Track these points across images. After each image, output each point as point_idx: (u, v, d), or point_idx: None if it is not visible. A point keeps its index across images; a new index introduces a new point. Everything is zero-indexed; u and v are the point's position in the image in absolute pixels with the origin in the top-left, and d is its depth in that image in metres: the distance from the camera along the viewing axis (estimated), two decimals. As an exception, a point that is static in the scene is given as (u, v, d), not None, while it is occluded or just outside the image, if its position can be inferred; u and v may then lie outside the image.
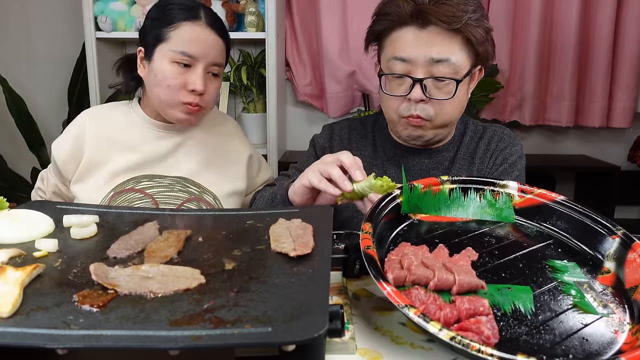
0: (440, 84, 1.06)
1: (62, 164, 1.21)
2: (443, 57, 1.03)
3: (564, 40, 2.44)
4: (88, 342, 0.49)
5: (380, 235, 0.77)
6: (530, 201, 0.89)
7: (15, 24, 2.68)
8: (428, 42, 1.03)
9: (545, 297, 0.69)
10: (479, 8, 1.06)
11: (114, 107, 1.27)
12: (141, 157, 1.20)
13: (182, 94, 1.13)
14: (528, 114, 2.53)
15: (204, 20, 1.13)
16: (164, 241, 0.73)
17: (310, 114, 2.73)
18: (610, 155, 2.65)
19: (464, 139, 1.22)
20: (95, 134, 1.21)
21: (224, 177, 1.25)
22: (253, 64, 2.48)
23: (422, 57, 1.04)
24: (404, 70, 1.06)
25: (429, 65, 1.04)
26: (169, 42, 1.12)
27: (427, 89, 1.05)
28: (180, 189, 1.20)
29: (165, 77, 1.12)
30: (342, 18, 2.52)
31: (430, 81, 1.05)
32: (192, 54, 1.11)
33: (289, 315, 0.53)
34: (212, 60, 1.14)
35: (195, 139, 1.25)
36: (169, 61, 1.12)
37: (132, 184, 1.18)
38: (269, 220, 0.81)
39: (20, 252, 0.69)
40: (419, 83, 1.05)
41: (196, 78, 1.12)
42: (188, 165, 1.23)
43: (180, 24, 1.12)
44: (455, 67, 1.04)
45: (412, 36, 1.05)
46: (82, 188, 1.20)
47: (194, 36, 1.12)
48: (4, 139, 2.70)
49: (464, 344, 0.53)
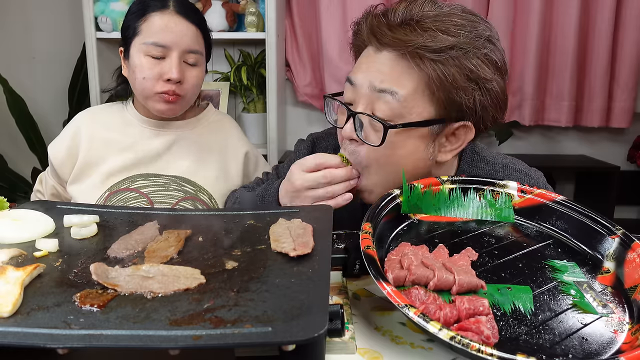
0: (374, 119, 0.84)
1: (59, 165, 1.22)
2: (386, 87, 0.83)
3: (564, 41, 2.44)
4: (88, 342, 0.49)
5: (380, 235, 0.78)
6: (530, 201, 0.89)
7: (16, 24, 2.68)
8: (378, 67, 0.85)
9: (544, 297, 0.69)
10: (473, 49, 0.81)
11: (108, 107, 1.28)
12: (136, 156, 1.20)
13: (159, 85, 1.13)
14: (528, 114, 2.53)
15: (172, 8, 1.13)
16: (164, 241, 0.74)
17: (310, 114, 2.73)
18: (610, 155, 2.65)
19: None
20: (90, 134, 1.21)
21: (220, 176, 1.25)
22: (253, 64, 2.48)
23: (366, 82, 0.86)
24: (349, 99, 0.90)
25: (371, 95, 0.85)
26: (140, 35, 1.12)
27: (362, 128, 0.86)
28: (176, 188, 1.20)
29: (142, 70, 1.12)
30: (342, 18, 2.52)
31: (366, 117, 0.86)
32: (163, 44, 1.11)
33: (289, 315, 0.53)
34: (185, 47, 1.13)
35: (191, 137, 1.25)
36: (143, 55, 1.12)
37: (128, 183, 1.18)
38: (269, 220, 0.81)
39: (20, 252, 0.69)
40: (353, 116, 0.86)
41: (170, 67, 1.11)
42: (183, 163, 1.22)
43: (149, 16, 1.12)
44: (402, 104, 0.83)
45: (365, 58, 0.88)
46: (78, 188, 1.20)
47: (163, 25, 1.11)
48: (4, 139, 2.71)
49: (464, 343, 0.53)
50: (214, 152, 1.26)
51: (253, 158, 1.33)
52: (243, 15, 2.32)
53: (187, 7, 1.16)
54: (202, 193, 1.21)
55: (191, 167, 1.22)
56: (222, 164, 1.26)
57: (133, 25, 1.14)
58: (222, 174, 1.25)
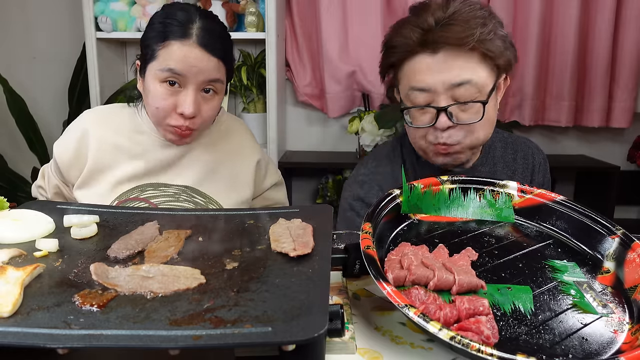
0: (466, 106, 1.00)
1: (66, 168, 1.17)
2: (463, 79, 0.98)
3: (564, 40, 2.44)
4: (88, 342, 0.49)
5: (380, 235, 0.78)
6: (530, 201, 0.89)
7: (16, 24, 2.68)
8: (444, 67, 0.98)
9: (544, 297, 0.69)
10: (490, 17, 1.00)
11: (119, 110, 1.21)
12: (147, 165, 1.16)
13: (172, 118, 1.07)
14: (528, 114, 2.53)
15: (194, 39, 1.04)
16: (164, 241, 0.74)
17: (310, 114, 2.73)
18: (610, 155, 2.65)
19: (494, 152, 1.18)
20: (100, 137, 1.16)
21: (231, 187, 1.21)
22: (253, 64, 2.48)
23: (440, 83, 0.99)
24: (425, 100, 1.01)
25: (450, 90, 0.99)
26: (157, 61, 1.05)
27: (452, 116, 1.00)
28: (186, 199, 1.16)
29: (155, 99, 1.06)
30: (342, 18, 2.52)
31: (454, 107, 1.00)
32: (179, 72, 1.03)
33: (289, 315, 0.53)
34: (205, 78, 1.06)
35: (202, 147, 1.20)
36: (159, 81, 1.05)
37: (137, 192, 1.15)
38: (269, 220, 0.81)
39: (20, 252, 0.69)
40: (443, 111, 1.00)
41: (185, 99, 1.05)
42: (194, 173, 1.18)
43: (169, 43, 1.04)
44: (478, 86, 0.99)
45: (425, 64, 1.00)
46: (85, 194, 1.16)
47: (182, 56, 1.03)
48: (4, 139, 2.71)
49: (464, 343, 0.53)
50: (225, 162, 1.22)
51: (264, 165, 1.29)
52: (243, 15, 2.32)
53: (213, 37, 1.06)
54: (212, 204, 1.17)
55: (201, 177, 1.18)
56: (233, 173, 1.23)
57: (152, 47, 1.06)
58: (232, 184, 1.22)
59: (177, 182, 1.17)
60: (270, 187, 1.33)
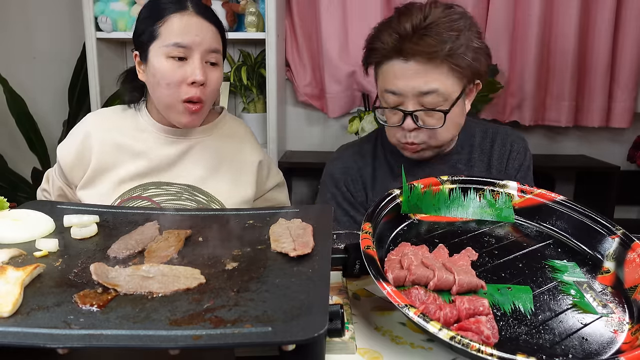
0: (431, 112, 1.08)
1: (69, 170, 1.19)
2: (430, 88, 1.05)
3: (564, 40, 2.44)
4: (88, 342, 0.49)
5: (380, 235, 0.78)
6: (530, 201, 0.89)
7: (16, 24, 2.68)
8: (414, 75, 1.05)
9: (544, 297, 0.69)
10: (466, 29, 1.06)
11: (121, 111, 1.24)
12: (149, 164, 1.17)
13: (183, 90, 1.10)
14: (528, 114, 2.53)
15: (191, 9, 1.11)
16: (164, 241, 0.74)
17: (310, 114, 2.73)
18: (610, 155, 2.65)
19: (472, 141, 1.23)
20: (102, 139, 1.18)
21: (233, 186, 1.22)
22: (253, 64, 2.48)
23: (410, 89, 1.06)
24: (395, 102, 1.09)
25: (418, 96, 1.06)
26: (160, 39, 1.10)
27: (418, 119, 1.08)
28: (188, 198, 1.17)
29: (164, 75, 1.09)
30: (342, 18, 2.52)
31: (420, 112, 1.08)
32: (185, 44, 1.08)
33: (289, 315, 0.53)
34: (207, 47, 1.11)
35: (204, 145, 1.21)
36: (165, 57, 1.09)
37: (140, 191, 1.16)
38: (269, 220, 0.81)
39: (20, 252, 0.69)
40: (410, 115, 1.08)
41: (194, 68, 1.09)
42: (196, 172, 1.19)
43: (168, 18, 1.10)
44: (444, 95, 1.06)
45: (399, 69, 1.07)
46: (88, 194, 1.17)
47: (183, 26, 1.09)
48: (4, 139, 2.71)
49: (464, 343, 0.53)
50: (227, 161, 1.23)
51: (266, 166, 1.30)
52: (243, 15, 2.32)
53: (204, 7, 1.14)
54: (214, 203, 1.18)
55: (204, 175, 1.19)
56: (235, 173, 1.23)
57: (149, 29, 1.11)
58: (234, 183, 1.22)
59: (179, 181, 1.18)
60: (272, 188, 1.33)
